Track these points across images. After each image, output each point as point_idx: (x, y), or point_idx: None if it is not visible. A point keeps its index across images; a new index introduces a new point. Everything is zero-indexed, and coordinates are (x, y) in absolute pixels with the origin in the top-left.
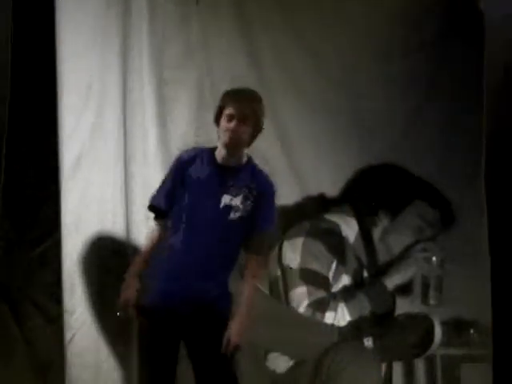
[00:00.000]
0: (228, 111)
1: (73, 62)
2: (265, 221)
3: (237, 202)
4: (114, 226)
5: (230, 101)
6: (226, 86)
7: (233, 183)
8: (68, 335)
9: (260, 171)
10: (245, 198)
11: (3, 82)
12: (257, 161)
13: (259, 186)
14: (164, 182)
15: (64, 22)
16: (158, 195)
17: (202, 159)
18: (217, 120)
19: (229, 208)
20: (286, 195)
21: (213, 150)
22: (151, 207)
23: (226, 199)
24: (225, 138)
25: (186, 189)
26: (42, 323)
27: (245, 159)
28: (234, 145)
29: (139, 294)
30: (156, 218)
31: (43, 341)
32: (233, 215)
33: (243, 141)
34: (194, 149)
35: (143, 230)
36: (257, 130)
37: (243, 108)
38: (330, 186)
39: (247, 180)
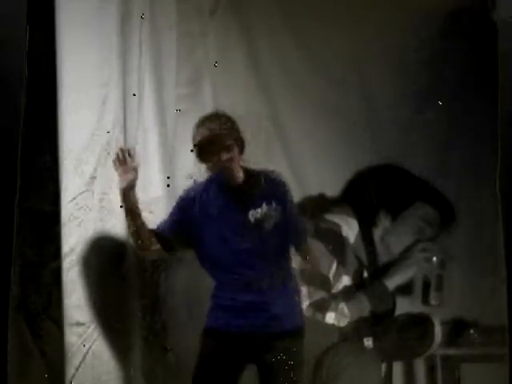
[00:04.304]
0: (209, 146)
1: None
2: (297, 234)
3: (264, 210)
4: (114, 226)
5: (206, 135)
6: (225, 85)
7: (251, 198)
8: (84, 348)
9: (266, 179)
10: (268, 204)
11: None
12: (258, 161)
13: (271, 187)
14: (172, 214)
15: (64, 22)
16: (167, 228)
17: (212, 189)
18: (201, 157)
19: (261, 220)
20: None
21: (212, 179)
22: (159, 236)
23: (253, 214)
24: (219, 169)
25: (206, 221)
26: (60, 339)
27: (241, 172)
28: (231, 171)
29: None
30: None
31: (61, 357)
32: (268, 225)
33: (235, 163)
34: (201, 181)
35: None
36: (241, 144)
37: (221, 138)
38: (330, 186)
39: (258, 187)
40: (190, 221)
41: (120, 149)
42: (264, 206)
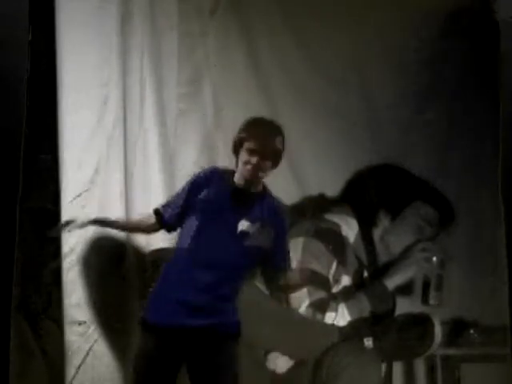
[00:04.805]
0: (250, 145)
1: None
2: (283, 260)
3: (254, 228)
4: None
5: (254, 135)
6: (225, 85)
7: (250, 210)
8: (85, 346)
9: (273, 201)
10: (262, 225)
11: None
12: None
13: (272, 216)
14: (177, 198)
15: (64, 22)
16: (170, 209)
17: (219, 183)
18: (236, 150)
19: (245, 234)
20: (286, 195)
21: (230, 173)
22: (161, 220)
23: (243, 225)
24: (245, 170)
25: (198, 212)
26: (61, 338)
27: (261, 186)
28: (254, 178)
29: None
30: (160, 225)
31: (62, 356)
32: (249, 242)
33: (263, 175)
34: (211, 171)
35: None
36: (276, 163)
37: (267, 145)
38: (330, 185)
39: (263, 208)
40: (190, 207)
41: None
42: (257, 223)
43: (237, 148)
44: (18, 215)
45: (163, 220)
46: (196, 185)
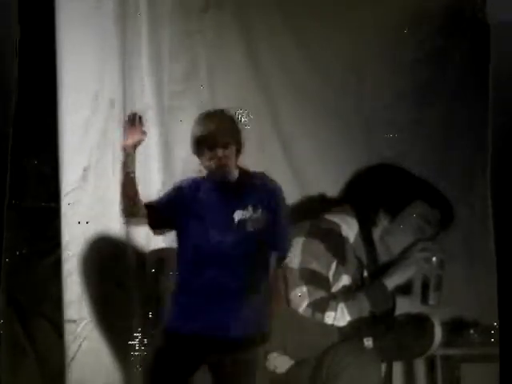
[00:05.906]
0: (208, 140)
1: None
2: (282, 244)
3: (249, 213)
4: (114, 226)
5: (206, 130)
6: (224, 86)
7: (239, 197)
8: (74, 345)
9: (260, 181)
10: (255, 207)
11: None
12: (258, 161)
13: (263, 191)
14: (167, 200)
15: (63, 22)
16: (160, 202)
17: (200, 187)
18: (197, 151)
19: (244, 222)
20: (286, 195)
21: (208, 176)
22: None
23: (238, 215)
24: (212, 165)
25: (193, 218)
26: (52, 336)
27: (236, 172)
28: (224, 169)
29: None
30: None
31: (53, 354)
32: (250, 227)
33: (231, 163)
34: (189, 179)
35: (143, 230)
36: (239, 147)
37: (221, 134)
38: (330, 185)
39: (249, 188)
40: (181, 209)
41: (132, 113)
42: (250, 208)
43: (197, 149)
44: (6, 212)
45: (152, 211)
46: (186, 189)
